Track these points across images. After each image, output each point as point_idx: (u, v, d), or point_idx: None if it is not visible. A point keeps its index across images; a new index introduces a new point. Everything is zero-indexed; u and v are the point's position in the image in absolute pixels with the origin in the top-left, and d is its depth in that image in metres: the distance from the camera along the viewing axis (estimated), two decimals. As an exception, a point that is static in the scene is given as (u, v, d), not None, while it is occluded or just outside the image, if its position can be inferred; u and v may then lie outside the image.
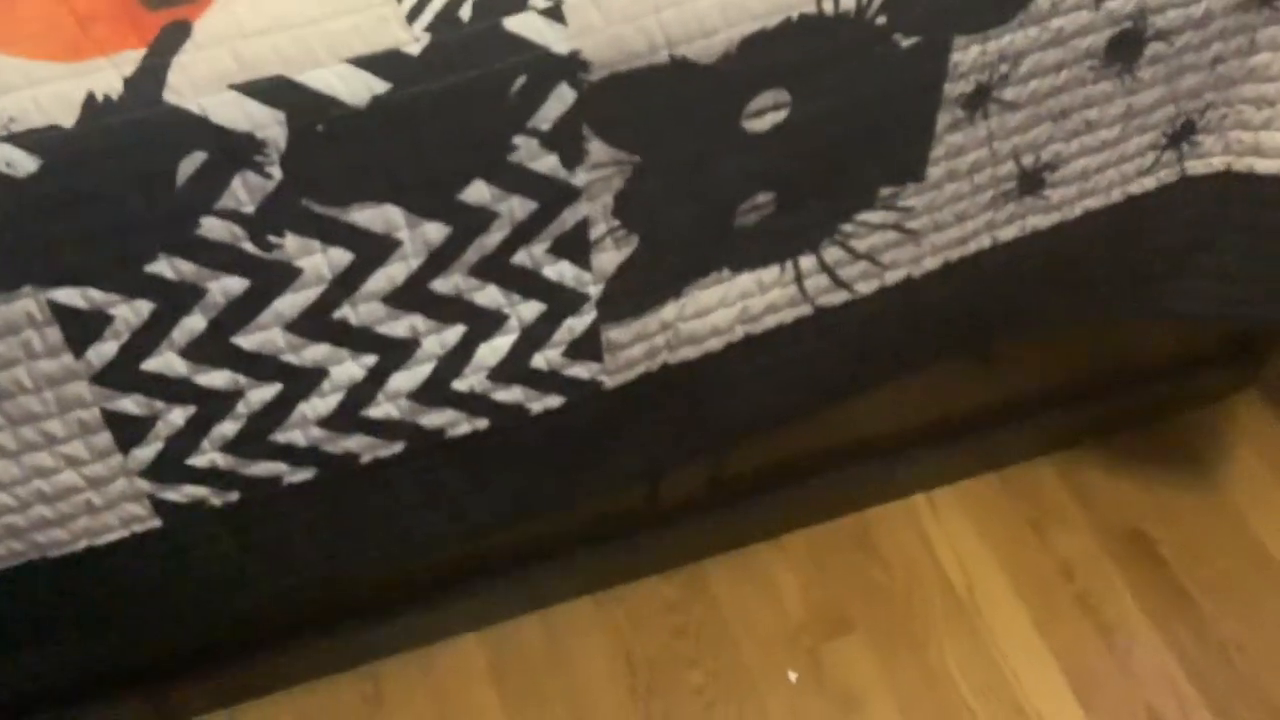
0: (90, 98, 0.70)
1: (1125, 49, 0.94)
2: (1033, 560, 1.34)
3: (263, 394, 0.87)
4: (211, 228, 0.76)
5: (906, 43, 0.86)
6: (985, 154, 0.97)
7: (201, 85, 0.71)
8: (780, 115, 0.86)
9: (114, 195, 0.73)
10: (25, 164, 0.70)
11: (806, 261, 0.98)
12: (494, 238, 0.85)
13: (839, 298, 1.02)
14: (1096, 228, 1.07)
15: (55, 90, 0.70)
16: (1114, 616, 1.29)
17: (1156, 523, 1.36)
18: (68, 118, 0.70)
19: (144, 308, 0.79)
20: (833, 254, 0.98)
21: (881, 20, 0.84)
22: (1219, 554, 1.34)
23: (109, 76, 0.70)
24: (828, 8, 0.81)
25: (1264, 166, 1.04)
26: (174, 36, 0.71)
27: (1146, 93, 0.98)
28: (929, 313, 1.08)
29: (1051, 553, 1.34)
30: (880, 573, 1.34)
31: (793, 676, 1.26)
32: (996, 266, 1.06)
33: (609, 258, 0.90)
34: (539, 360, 0.94)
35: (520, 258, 0.87)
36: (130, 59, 0.71)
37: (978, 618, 1.30)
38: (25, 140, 0.69)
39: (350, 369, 0.89)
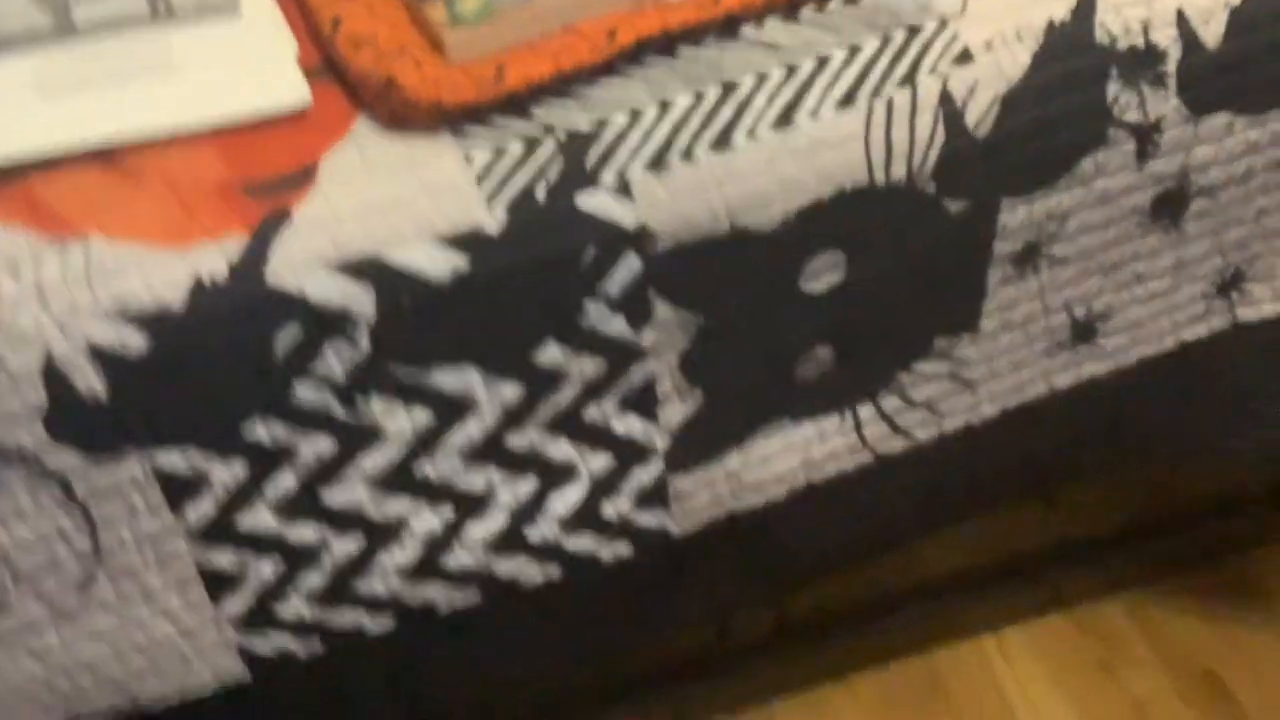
0: (198, 280, 0.76)
1: (1170, 206, 0.98)
2: (1105, 702, 1.33)
3: (346, 547, 0.91)
4: (304, 393, 0.82)
5: (955, 207, 0.90)
6: (1037, 306, 1.00)
7: (299, 267, 0.77)
8: (836, 276, 0.91)
9: (216, 365, 0.78)
10: (137, 344, 0.75)
11: (865, 410, 1.01)
12: (565, 395, 0.90)
13: (899, 445, 1.05)
14: (1152, 374, 1.09)
15: (164, 274, 0.76)
16: (1189, 759, 1.28)
17: (1229, 663, 1.34)
18: (177, 300, 0.76)
19: (239, 468, 0.84)
20: (891, 403, 1.01)
21: (930, 188, 0.88)
22: (1294, 695, 1.32)
23: (215, 260, 0.76)
24: (879, 178, 0.86)
25: (1314, 312, 1.06)
26: (275, 222, 0.77)
27: (1194, 245, 1.01)
28: (989, 459, 1.10)
29: (1124, 693, 1.33)
30: (951, 715, 1.33)
31: (864, 822, 1.26)
32: (1055, 414, 1.08)
33: (675, 411, 0.94)
34: (609, 510, 0.98)
35: (591, 413, 0.92)
36: (235, 243, 0.77)
37: (1050, 761, 1.29)
38: (138, 321, 0.75)
39: (428, 520, 0.93)
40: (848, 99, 0.85)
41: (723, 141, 0.83)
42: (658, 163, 0.82)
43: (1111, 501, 1.32)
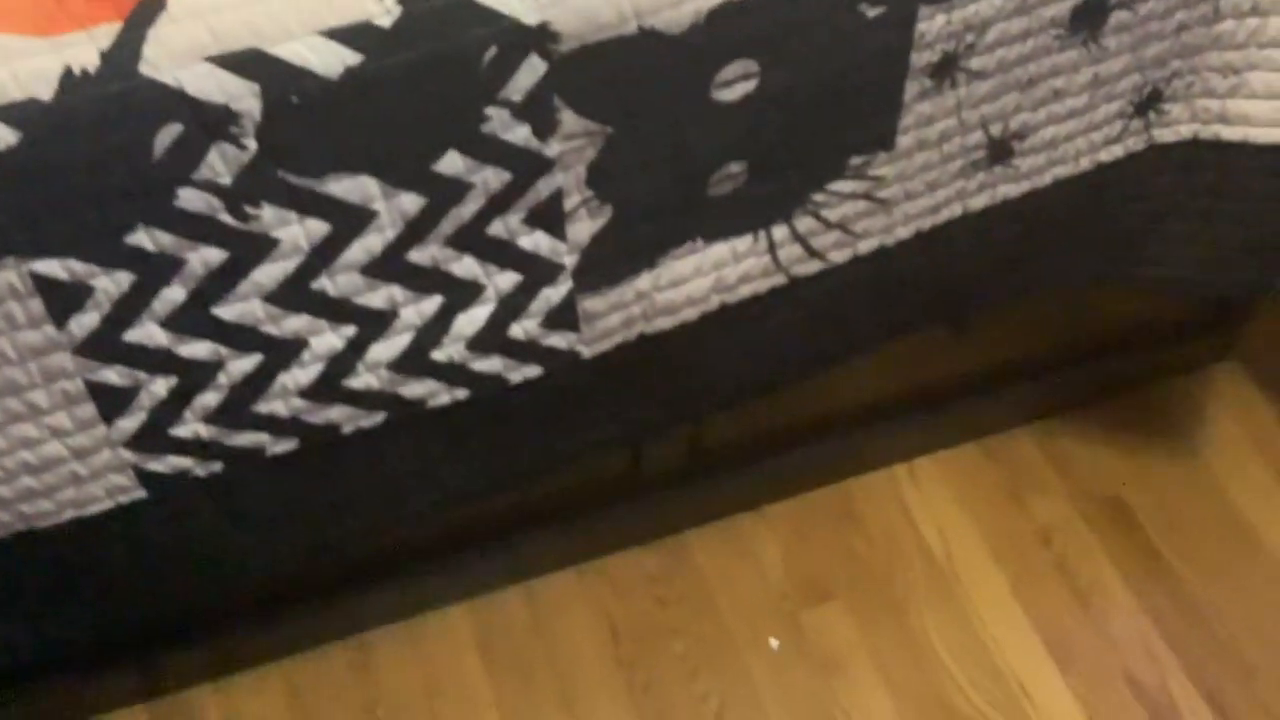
0: (68, 71, 0.71)
1: (1090, 17, 0.95)
2: (1011, 527, 1.36)
3: (243, 365, 0.89)
4: (189, 199, 0.78)
5: (873, 12, 0.87)
6: (954, 123, 0.98)
7: (177, 58, 0.73)
8: (749, 85, 0.88)
9: (93, 166, 0.74)
10: (4, 137, 0.71)
11: (779, 231, 0.99)
12: (469, 208, 0.87)
13: (813, 267, 1.03)
14: (1066, 196, 1.08)
15: (33, 64, 0.71)
16: (1091, 582, 1.31)
17: (1134, 489, 1.38)
18: (46, 91, 0.71)
19: (124, 279, 0.80)
20: (805, 223, 1.00)
21: (847, -10, 0.85)
22: (1196, 520, 1.35)
23: (86, 50, 0.72)
24: (794, -22, 0.83)
25: (1230, 134, 1.05)
26: (149, 10, 0.72)
27: (1112, 61, 1.00)
28: (903, 282, 1.09)
29: (1030, 520, 1.36)
30: (861, 542, 1.36)
31: (774, 643, 1.28)
32: (969, 235, 1.08)
33: (583, 228, 0.92)
34: (517, 330, 0.96)
35: (495, 228, 0.89)
36: (106, 33, 0.72)
37: (957, 585, 1.32)
38: (4, 114, 0.71)
39: (330, 339, 0.90)
40: (761, -108, 0.82)
41: (629, -66, 0.79)
42: (561, -44, 0.78)
43: (1022, 332, 1.32)
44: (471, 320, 0.94)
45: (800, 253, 1.02)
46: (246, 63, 0.74)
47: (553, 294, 0.95)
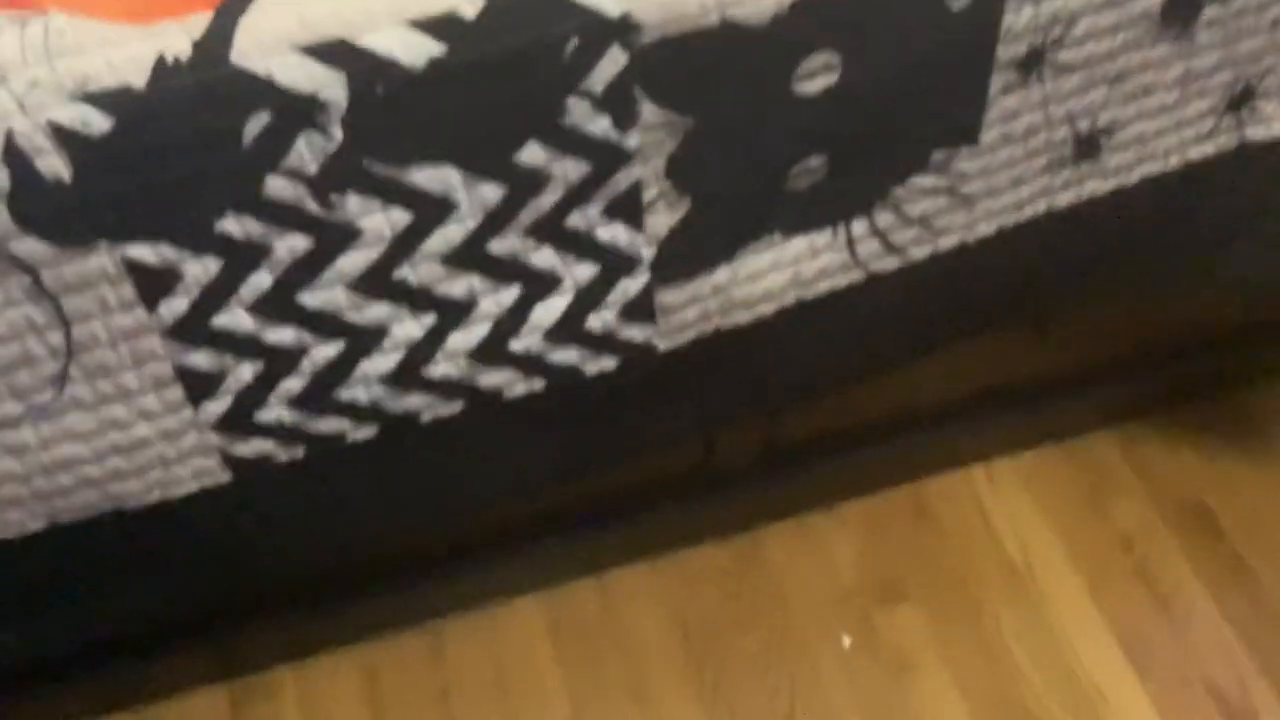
0: (160, 59, 0.73)
1: (1182, 11, 0.94)
2: (1090, 531, 1.34)
3: (326, 351, 0.90)
4: (276, 187, 0.79)
5: (958, 5, 0.86)
6: (1040, 118, 0.97)
7: (267, 47, 0.74)
8: (831, 78, 0.87)
9: (184, 153, 0.76)
10: (99, 123, 0.73)
11: (858, 226, 0.99)
12: (548, 199, 0.87)
13: (891, 263, 1.03)
14: (1155, 194, 1.06)
15: (127, 52, 0.73)
16: (1172, 587, 1.29)
17: (1216, 495, 1.35)
18: (139, 79, 0.73)
19: (213, 264, 0.82)
20: (885, 218, 0.99)
21: (932, -18, 0.85)
22: (1279, 525, 1.32)
23: (178, 38, 0.73)
24: (878, -30, 0.82)
25: (1326, 131, 1.03)
26: (240, 0, 0.74)
27: (1204, 56, 0.98)
28: (983, 280, 1.08)
29: (1110, 524, 1.34)
30: (936, 542, 1.34)
31: (846, 641, 1.27)
32: (1052, 234, 1.06)
33: (661, 220, 0.92)
34: (594, 322, 0.96)
35: (574, 220, 0.89)
36: (199, 22, 0.74)
37: (1034, 587, 1.30)
38: (100, 100, 0.73)
39: (410, 328, 0.91)
40: (847, -116, 0.81)
41: (713, -73, 0.79)
42: (644, -52, 0.78)
43: (1105, 332, 1.30)
44: (549, 311, 0.94)
45: (879, 248, 1.01)
46: (334, 52, 0.75)
47: (630, 286, 0.95)
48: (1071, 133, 0.99)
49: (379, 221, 0.84)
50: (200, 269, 0.82)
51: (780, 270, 0.99)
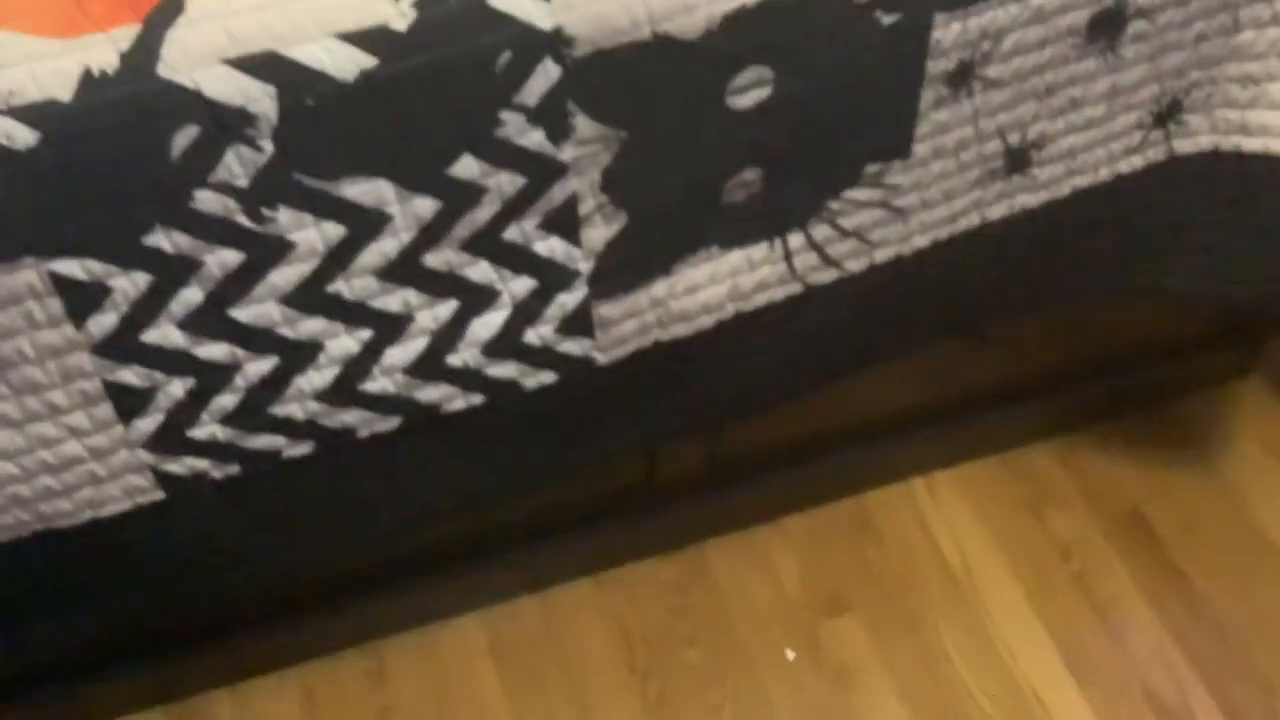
0: (87, 72, 0.72)
1: (1108, 26, 0.95)
2: (1030, 541, 1.35)
3: (260, 367, 0.89)
4: (205, 200, 0.79)
5: (887, 20, 0.87)
6: (970, 132, 0.98)
7: (194, 60, 0.73)
8: (764, 92, 0.88)
9: (111, 167, 0.75)
10: (24, 137, 0.72)
11: (795, 239, 0.99)
12: (484, 213, 0.87)
13: (829, 276, 1.03)
14: (1085, 206, 1.08)
15: (53, 65, 0.72)
16: (1110, 596, 1.30)
17: (1154, 504, 1.36)
18: (65, 92, 0.72)
19: (142, 279, 0.81)
20: (821, 231, 1.00)
21: (861, -3, 0.86)
22: (1216, 535, 1.34)
23: (105, 51, 0.73)
24: (808, -16, 0.83)
25: (1250, 145, 1.05)
26: (167, 12, 0.73)
27: (1131, 70, 0.99)
28: (920, 292, 1.09)
29: (1049, 534, 1.35)
30: (877, 554, 1.35)
31: (790, 655, 1.27)
32: (986, 245, 1.07)
33: (598, 233, 0.92)
34: (532, 336, 0.96)
35: (511, 233, 0.89)
36: (125, 34, 0.73)
37: (974, 598, 1.31)
38: (24, 114, 0.72)
39: (345, 343, 0.91)
40: (775, -100, 0.82)
41: (644, -59, 0.80)
42: (575, -38, 0.79)
43: (1042, 344, 1.32)
44: (486, 325, 0.94)
45: (816, 261, 1.02)
46: (263, 65, 0.75)
47: (568, 300, 0.95)
48: (1002, 146, 1.00)
49: (312, 235, 0.83)
50: (129, 284, 0.81)
51: (718, 283, 1.00)
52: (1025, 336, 1.28)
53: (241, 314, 0.86)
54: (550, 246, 0.91)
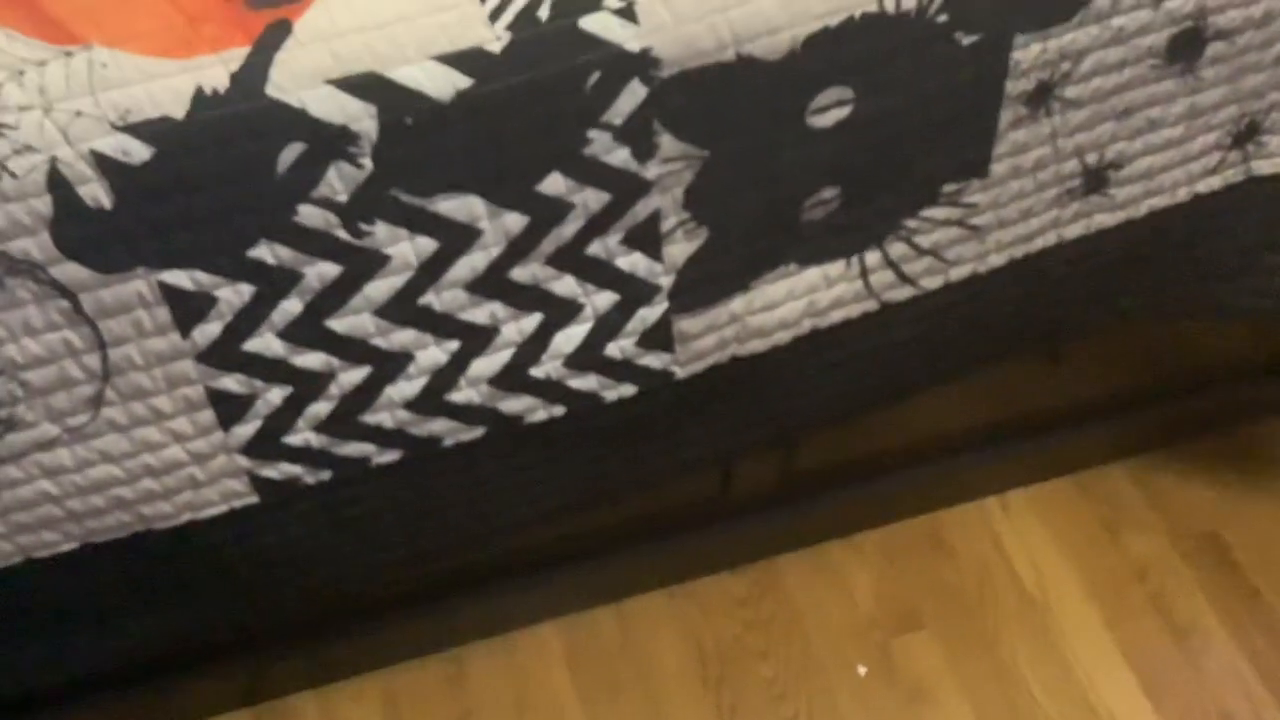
0: (199, 91, 0.76)
1: (1187, 48, 0.96)
2: (1106, 562, 1.35)
3: (353, 376, 0.93)
4: (308, 215, 0.82)
5: (967, 40, 0.89)
6: (1049, 151, 0.99)
7: (301, 80, 0.77)
8: (844, 111, 0.90)
9: (220, 182, 0.79)
10: (139, 152, 0.76)
11: (872, 257, 1.01)
12: (569, 228, 0.90)
13: (904, 293, 1.05)
14: (1163, 226, 1.08)
15: (167, 84, 0.76)
16: (1187, 618, 1.30)
17: (1231, 526, 1.36)
18: (179, 110, 0.76)
19: (246, 290, 0.85)
20: (898, 249, 1.01)
21: (943, 19, 0.87)
22: (1295, 559, 1.33)
23: (217, 72, 0.76)
24: (889, 6, 0.85)
25: (1331, 165, 1.05)
26: (276, 35, 0.77)
27: (1210, 92, 1.00)
28: (995, 310, 1.10)
29: (1125, 555, 1.35)
30: (952, 572, 1.35)
31: (862, 670, 1.28)
32: (1063, 264, 1.08)
33: (680, 249, 0.94)
34: (613, 349, 0.99)
35: (594, 248, 0.92)
36: (236, 56, 0.77)
37: (1049, 618, 1.31)
38: (140, 130, 0.76)
39: (434, 354, 0.94)
40: (858, -75, 0.84)
41: (729, -35, 0.82)
42: (663, -14, 0.81)
43: (1118, 364, 1.32)
44: (569, 338, 0.97)
45: (892, 279, 1.03)
46: (365, 85, 0.78)
47: (648, 314, 0.97)
48: (1080, 166, 1.01)
49: (406, 249, 0.87)
50: (233, 295, 0.85)
51: (796, 299, 1.02)
52: (1100, 355, 1.28)
53: (338, 325, 0.89)
54: (633, 262, 0.94)
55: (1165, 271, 1.13)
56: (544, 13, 0.80)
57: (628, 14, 0.81)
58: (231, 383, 0.89)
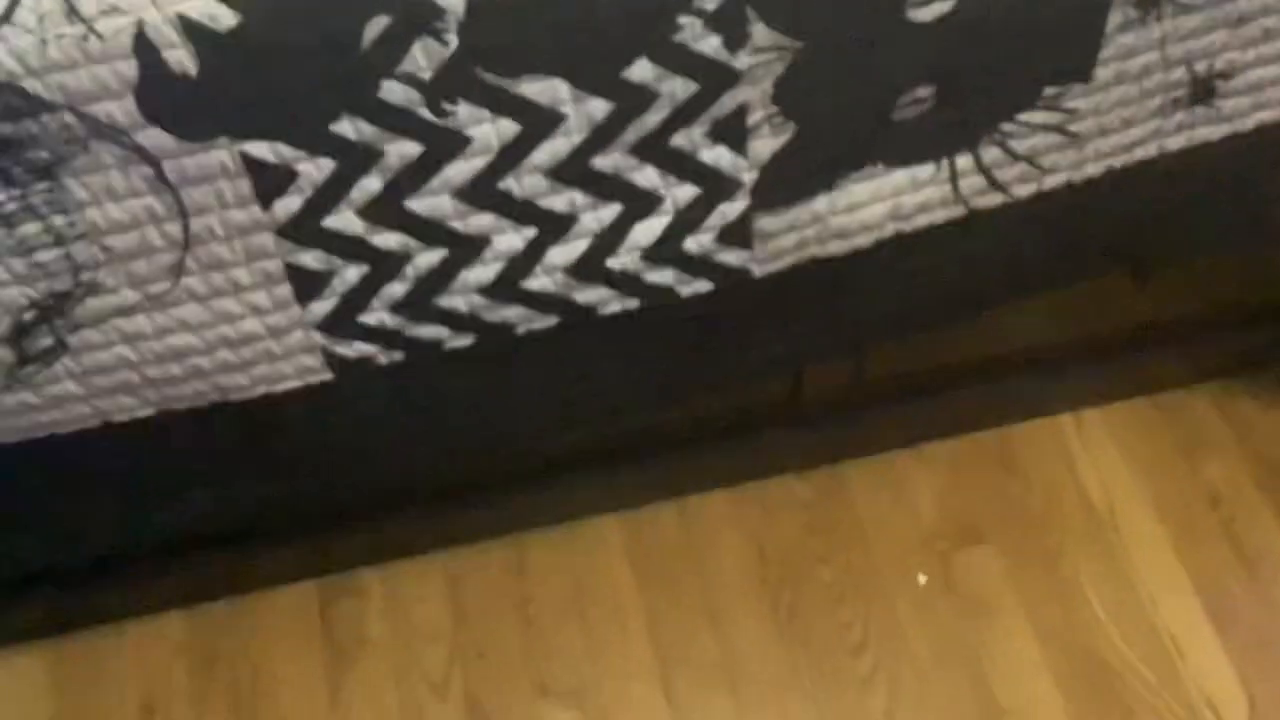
0: (288, -41, 0.75)
1: (1312, -47, 0.91)
2: (1178, 486, 1.32)
3: (430, 258, 0.92)
4: (391, 91, 0.81)
5: (1080, -65, 0.85)
6: (1156, 58, 0.95)
7: (390, -49, 0.75)
8: (946, 6, 0.87)
9: (305, 53, 0.78)
10: (226, 19, 0.75)
11: (963, 160, 0.98)
12: (654, 118, 0.88)
13: (994, 200, 1.02)
14: (1270, 143, 1.04)
15: (256, -49, 0.75)
16: (1259, 547, 1.27)
17: (1313, 456, 1.33)
18: (266, -23, 0.75)
19: (326, 165, 0.84)
20: (991, 154, 0.98)
21: (1055, -90, 0.83)
22: (1375, 492, 1.30)
23: (305, -61, 0.75)
24: (1000, -104, 0.81)
25: None
26: (367, -96, 0.75)
27: (1332, 1, 0.95)
28: (1086, 222, 1.07)
29: (1198, 479, 1.33)
30: (1020, 488, 1.34)
31: (922, 579, 1.28)
32: (1161, 178, 1.04)
33: (765, 144, 0.92)
34: (691, 244, 0.97)
35: (678, 140, 0.90)
36: (325, -76, 0.75)
37: (1116, 538, 1.29)
38: (228, -4, 0.75)
39: (511, 239, 0.93)
40: None
41: None
42: None
43: (1206, 286, 1.28)
44: (648, 230, 0.95)
45: (983, 184, 1.00)
46: (455, -41, 0.76)
47: (729, 210, 0.96)
48: (1188, 75, 0.97)
49: (488, 131, 0.85)
50: (314, 169, 0.84)
51: (880, 202, 0.99)
52: (1189, 276, 1.24)
53: (417, 205, 0.88)
54: (716, 155, 0.92)
55: (1266, 191, 1.09)
56: (641, -110, 0.77)
57: (728, -106, 0.78)
58: (309, 259, 0.89)
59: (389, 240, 0.90)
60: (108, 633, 1.28)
